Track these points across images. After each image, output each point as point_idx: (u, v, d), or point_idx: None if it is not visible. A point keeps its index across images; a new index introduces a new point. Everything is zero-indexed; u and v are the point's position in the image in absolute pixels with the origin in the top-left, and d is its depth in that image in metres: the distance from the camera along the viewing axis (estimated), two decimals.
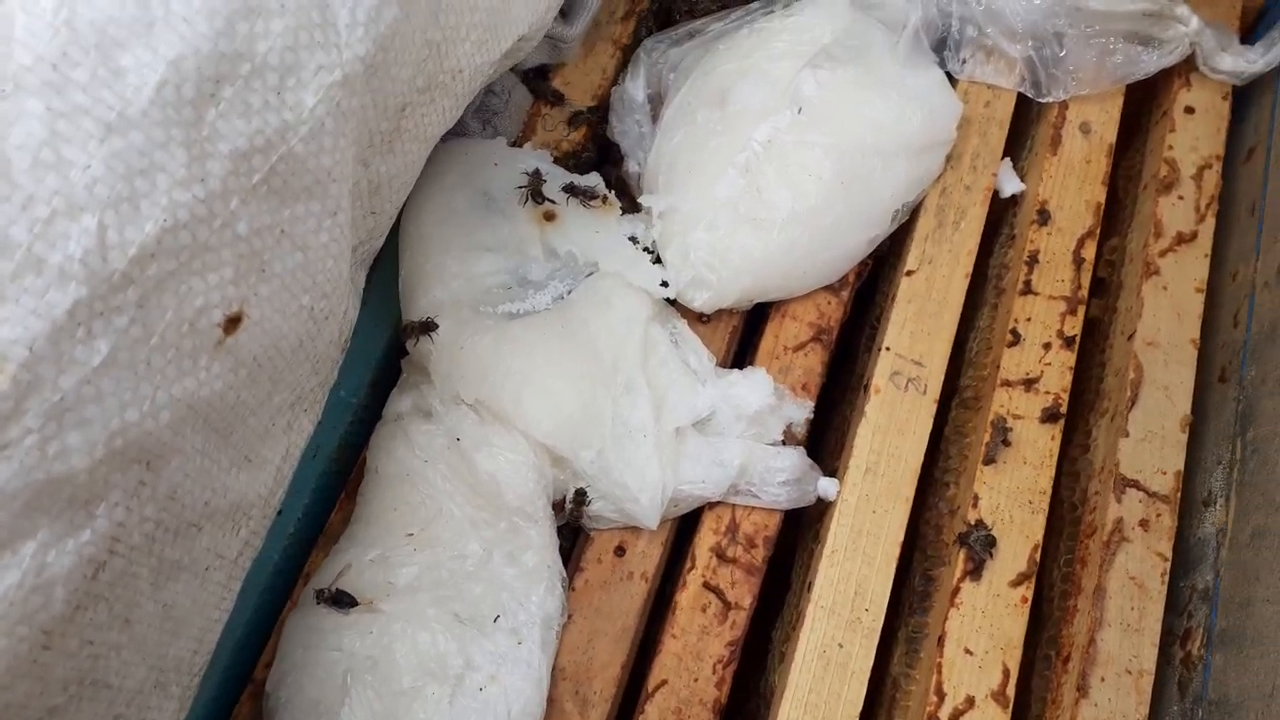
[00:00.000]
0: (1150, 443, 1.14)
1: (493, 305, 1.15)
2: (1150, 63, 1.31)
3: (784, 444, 1.13)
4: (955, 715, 1.01)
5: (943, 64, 1.33)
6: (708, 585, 1.07)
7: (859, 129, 1.20)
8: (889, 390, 1.16)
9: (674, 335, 1.18)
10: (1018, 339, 1.20)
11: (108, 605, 0.68)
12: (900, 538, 1.09)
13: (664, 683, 1.03)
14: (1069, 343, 1.19)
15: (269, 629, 1.05)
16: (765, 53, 1.23)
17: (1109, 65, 1.31)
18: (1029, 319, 1.21)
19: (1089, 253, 1.24)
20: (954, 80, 1.34)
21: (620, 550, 1.08)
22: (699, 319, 1.21)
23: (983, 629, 1.04)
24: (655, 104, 1.30)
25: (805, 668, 1.02)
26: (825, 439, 1.32)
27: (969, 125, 1.31)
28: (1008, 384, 1.17)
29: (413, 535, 1.02)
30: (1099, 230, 1.26)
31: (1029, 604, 1.06)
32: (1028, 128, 1.39)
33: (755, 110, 1.20)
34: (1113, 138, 1.32)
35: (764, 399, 1.12)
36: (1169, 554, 1.09)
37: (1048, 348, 1.19)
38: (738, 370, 1.15)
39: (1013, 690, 1.02)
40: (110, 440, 0.63)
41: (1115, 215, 1.37)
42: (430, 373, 1.09)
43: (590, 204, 1.19)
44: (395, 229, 1.16)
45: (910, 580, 1.16)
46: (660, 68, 1.31)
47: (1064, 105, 1.33)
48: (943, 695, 1.01)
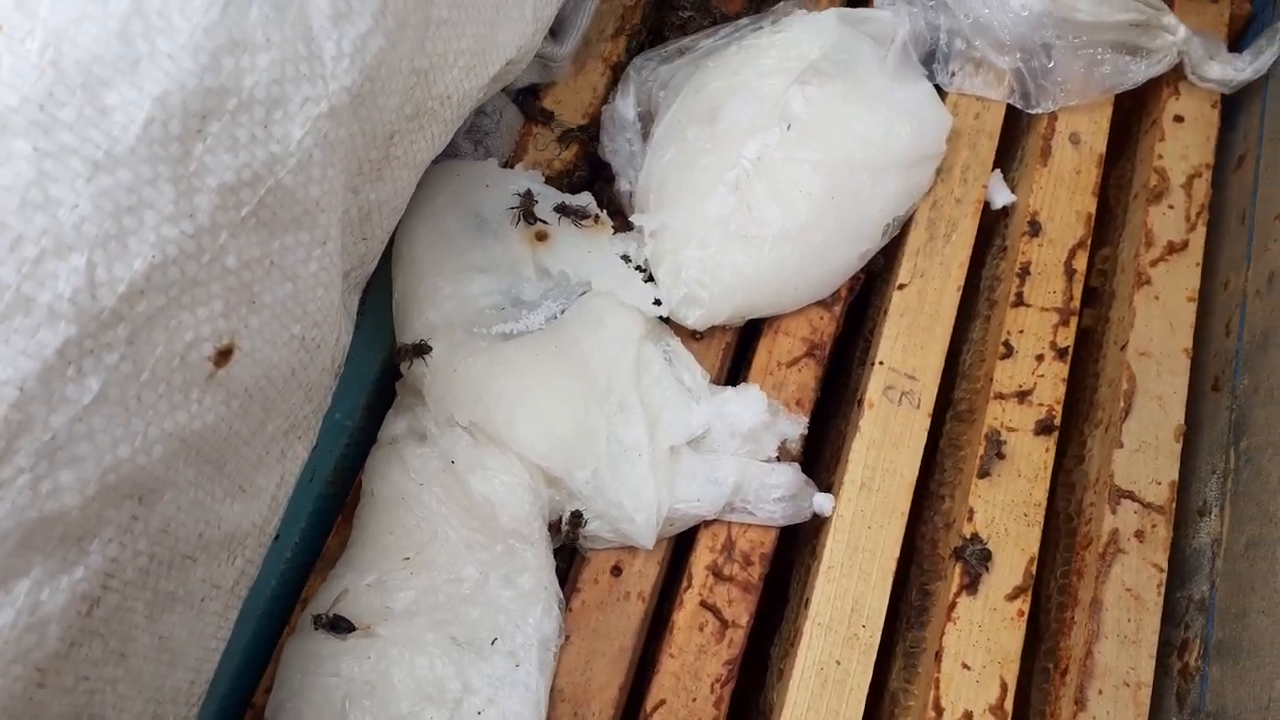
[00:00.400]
0: (1144, 453, 1.14)
1: (486, 326, 1.15)
2: (1138, 72, 1.32)
3: (779, 460, 1.13)
4: None
5: (932, 77, 1.33)
6: (705, 604, 1.07)
7: (848, 144, 1.20)
8: (883, 404, 1.16)
9: (667, 353, 1.18)
10: (1010, 351, 1.20)
11: (103, 640, 0.68)
12: (896, 553, 1.09)
13: (662, 703, 1.03)
14: (1062, 354, 1.20)
15: (267, 654, 1.05)
16: (754, 70, 1.23)
17: (1097, 76, 1.31)
18: (1021, 331, 1.21)
19: (1080, 264, 1.25)
20: (943, 93, 1.34)
21: (617, 570, 1.08)
22: (692, 336, 1.21)
23: (980, 643, 1.04)
24: (646, 122, 1.31)
25: (804, 685, 1.02)
26: (820, 453, 1.32)
27: (959, 138, 1.31)
28: (1001, 396, 1.17)
29: (409, 559, 1.02)
30: (1090, 241, 1.27)
31: (1026, 617, 1.06)
32: (1018, 139, 1.39)
33: (745, 127, 1.21)
34: (1102, 148, 1.32)
35: (758, 416, 1.12)
36: (1165, 565, 1.09)
37: (1040, 359, 1.19)
38: (731, 387, 1.15)
39: (1011, 704, 1.02)
40: (102, 477, 0.64)
41: (1106, 224, 1.38)
42: (424, 395, 1.09)
43: (582, 223, 1.20)
44: (388, 251, 1.16)
45: (907, 594, 1.16)
46: (650, 85, 1.31)
47: (1053, 116, 1.33)
48: (941, 710, 1.01)
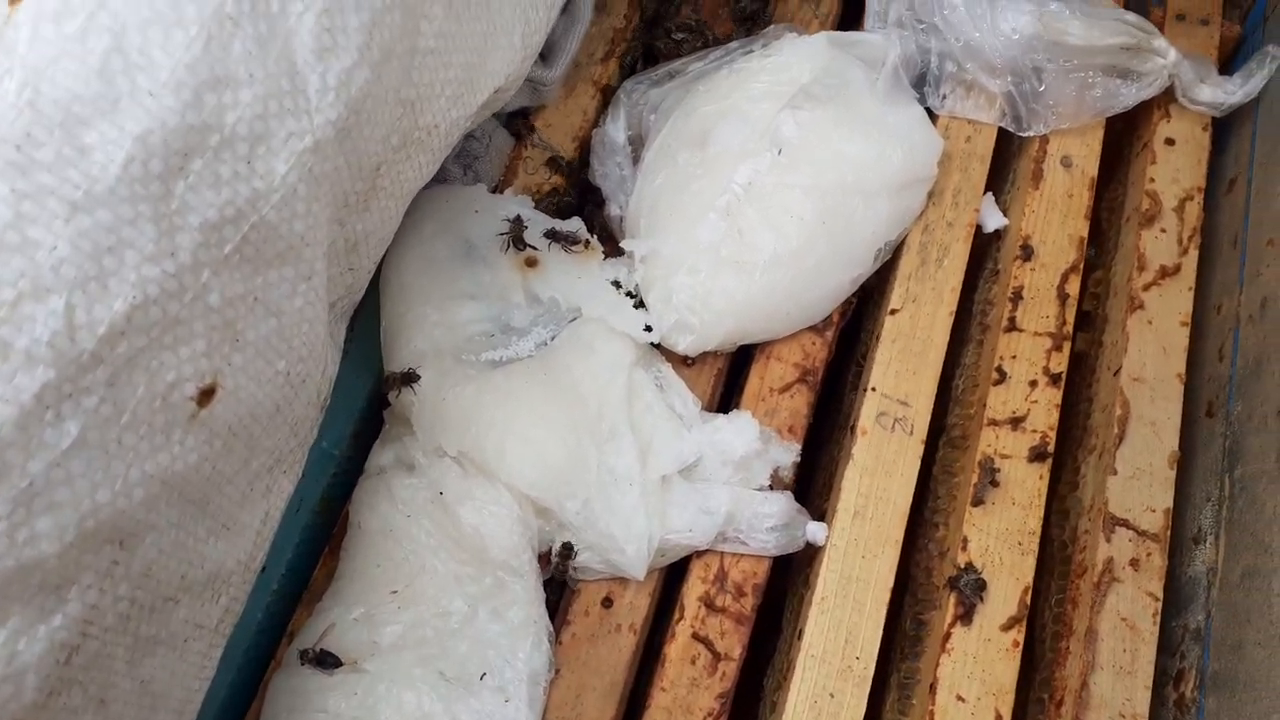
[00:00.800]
0: (1139, 480, 1.14)
1: (475, 353, 1.14)
2: (1129, 95, 1.31)
3: (771, 488, 1.12)
4: None
5: (923, 100, 1.33)
6: (697, 636, 1.06)
7: (840, 169, 1.20)
8: (875, 431, 1.16)
9: (658, 379, 1.17)
10: (1003, 377, 1.19)
11: (82, 688, 0.66)
12: (890, 583, 1.08)
13: None
14: (1055, 380, 1.19)
15: (253, 690, 1.03)
16: (745, 93, 1.23)
17: (1089, 99, 1.31)
18: (1014, 356, 1.20)
19: (1073, 288, 1.24)
20: (934, 116, 1.34)
21: (607, 602, 1.07)
22: (683, 362, 1.20)
23: (974, 675, 1.03)
24: (636, 145, 1.30)
25: (797, 718, 1.01)
26: (813, 479, 1.31)
27: (950, 161, 1.31)
28: (994, 423, 1.17)
29: (397, 592, 1.01)
30: (1083, 265, 1.26)
31: (1020, 648, 1.05)
32: (1009, 161, 1.39)
33: (735, 152, 1.20)
34: (1094, 171, 1.32)
35: (750, 444, 1.11)
36: (1160, 594, 1.08)
37: (1034, 385, 1.19)
38: (723, 415, 1.14)
39: None
40: (81, 523, 0.62)
41: (1099, 247, 1.37)
42: (413, 424, 1.08)
43: (572, 249, 1.19)
44: (376, 278, 1.15)
45: (901, 624, 1.15)
46: (641, 109, 1.31)
47: (1045, 139, 1.33)
48: None
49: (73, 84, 0.60)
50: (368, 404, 1.17)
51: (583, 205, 1.31)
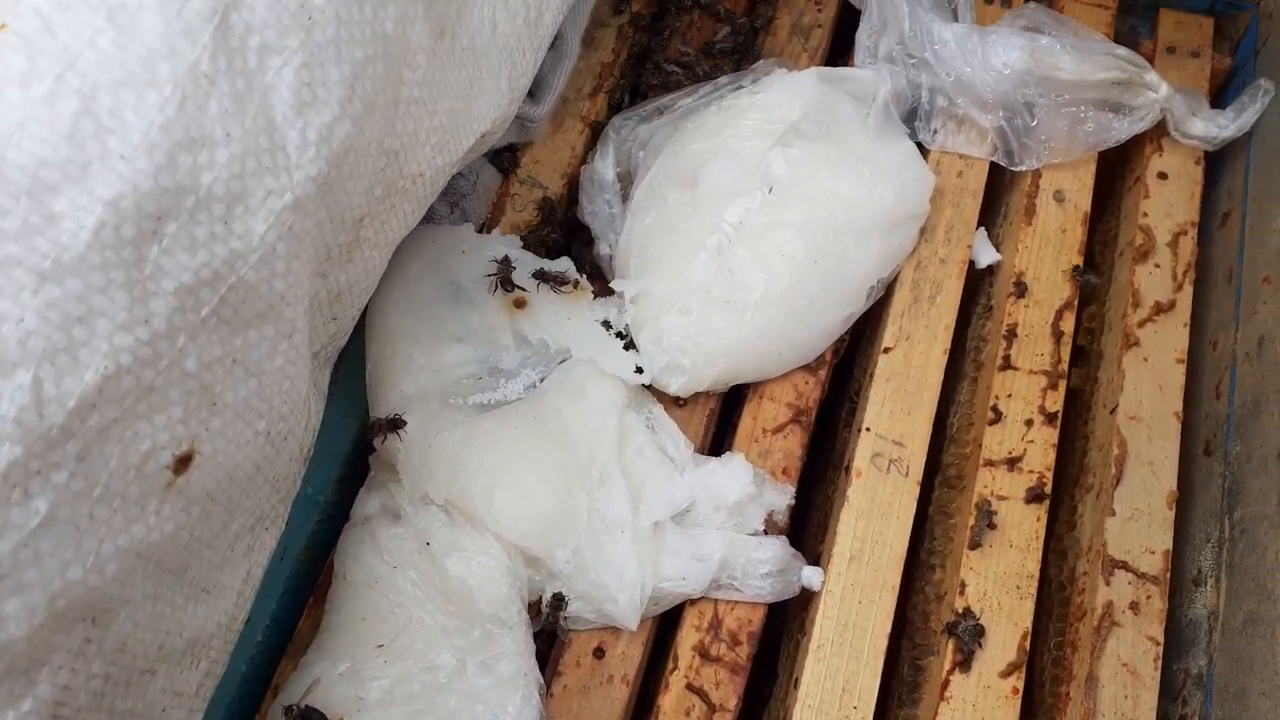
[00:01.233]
0: (1137, 521, 1.12)
1: (463, 396, 1.12)
2: (1122, 130, 1.30)
3: (766, 533, 1.10)
4: None
5: (914, 135, 1.32)
6: (691, 687, 1.03)
7: (831, 207, 1.18)
8: (870, 473, 1.14)
9: (650, 421, 1.15)
10: (999, 416, 1.18)
11: None
12: (887, 629, 1.06)
13: None
14: (1051, 419, 1.17)
15: None
16: (734, 131, 1.21)
17: (1081, 133, 1.30)
18: (1009, 395, 1.19)
19: (1068, 325, 1.23)
20: (925, 151, 1.33)
21: (599, 652, 1.04)
22: (675, 402, 1.18)
23: None
24: (625, 182, 1.28)
25: None
26: (808, 518, 1.29)
27: (942, 196, 1.30)
28: (990, 464, 1.15)
29: (383, 646, 0.99)
30: (1077, 301, 1.25)
31: (1020, 695, 1.04)
32: (1001, 195, 1.38)
33: (726, 191, 1.18)
34: (1087, 206, 1.31)
35: (744, 488, 1.09)
36: (1161, 638, 1.06)
37: (1029, 424, 1.17)
38: (716, 458, 1.12)
39: None
40: (51, 603, 0.60)
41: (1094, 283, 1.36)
42: (399, 471, 1.06)
43: (561, 290, 1.17)
44: (362, 319, 1.13)
45: (898, 670, 1.13)
46: (629, 145, 1.29)
47: (1037, 174, 1.32)
48: None
49: (40, 149, 0.58)
50: (353, 448, 1.15)
51: (571, 243, 1.29)
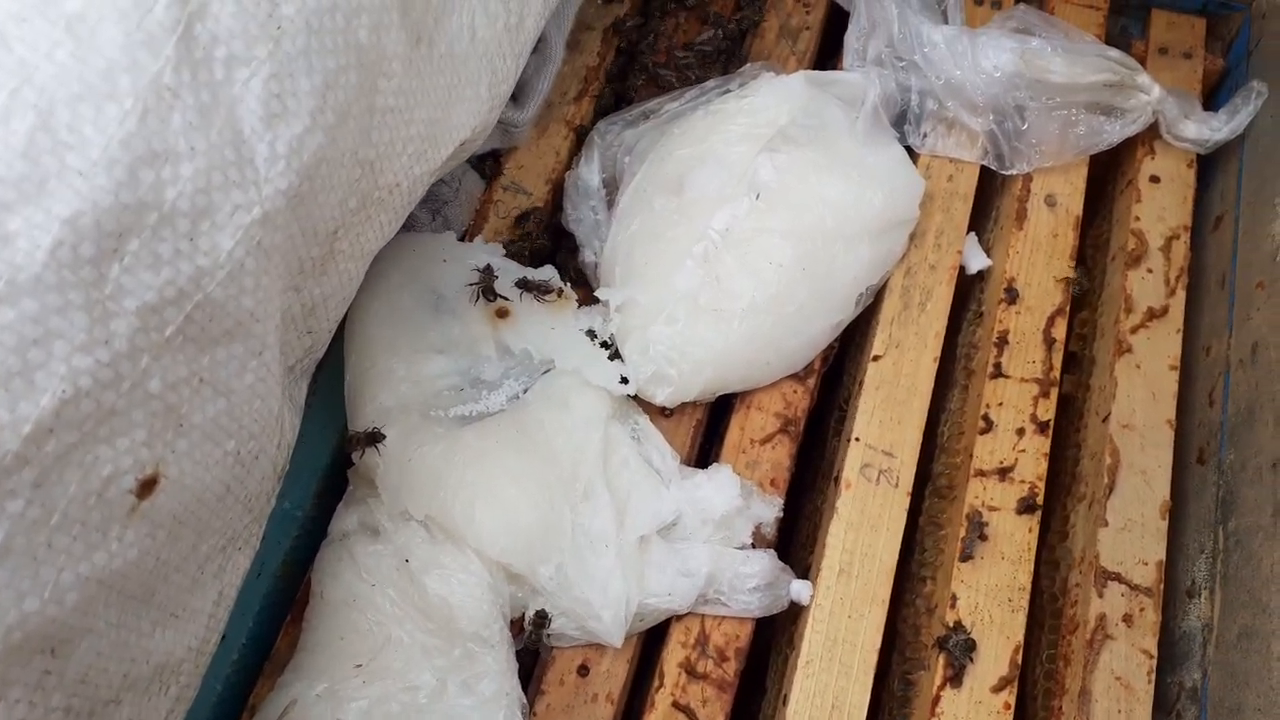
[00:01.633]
0: (1130, 532, 1.11)
1: (444, 409, 1.10)
2: (1113, 133, 1.29)
3: (753, 546, 1.08)
4: None
5: (903, 138, 1.30)
6: (677, 705, 1.01)
7: (819, 213, 1.17)
8: (860, 484, 1.12)
9: (635, 432, 1.13)
10: (990, 425, 1.16)
11: None
12: (878, 644, 1.04)
13: None
14: (1043, 428, 1.16)
15: None
16: (721, 136, 1.19)
17: (1072, 137, 1.28)
18: (1000, 404, 1.17)
19: (1059, 332, 1.21)
20: (914, 155, 1.31)
21: (583, 670, 1.02)
22: (661, 413, 1.16)
23: None
24: (610, 188, 1.26)
25: None
26: (796, 528, 1.27)
27: (932, 201, 1.28)
28: (982, 474, 1.13)
29: (361, 666, 0.96)
30: (1069, 307, 1.23)
31: (1012, 710, 1.02)
32: (992, 199, 1.36)
33: (712, 197, 1.16)
34: (1079, 210, 1.29)
35: (731, 500, 1.07)
36: (1154, 650, 1.05)
37: (1021, 434, 1.15)
38: (703, 471, 1.10)
39: None
40: (6, 636, 0.58)
41: (1084, 286, 1.34)
42: (378, 486, 1.03)
43: (545, 299, 1.15)
44: (341, 329, 1.11)
45: (889, 684, 1.11)
46: (615, 150, 1.27)
47: (1028, 177, 1.30)
48: None
49: None
50: (332, 461, 1.13)
51: (556, 250, 1.27)
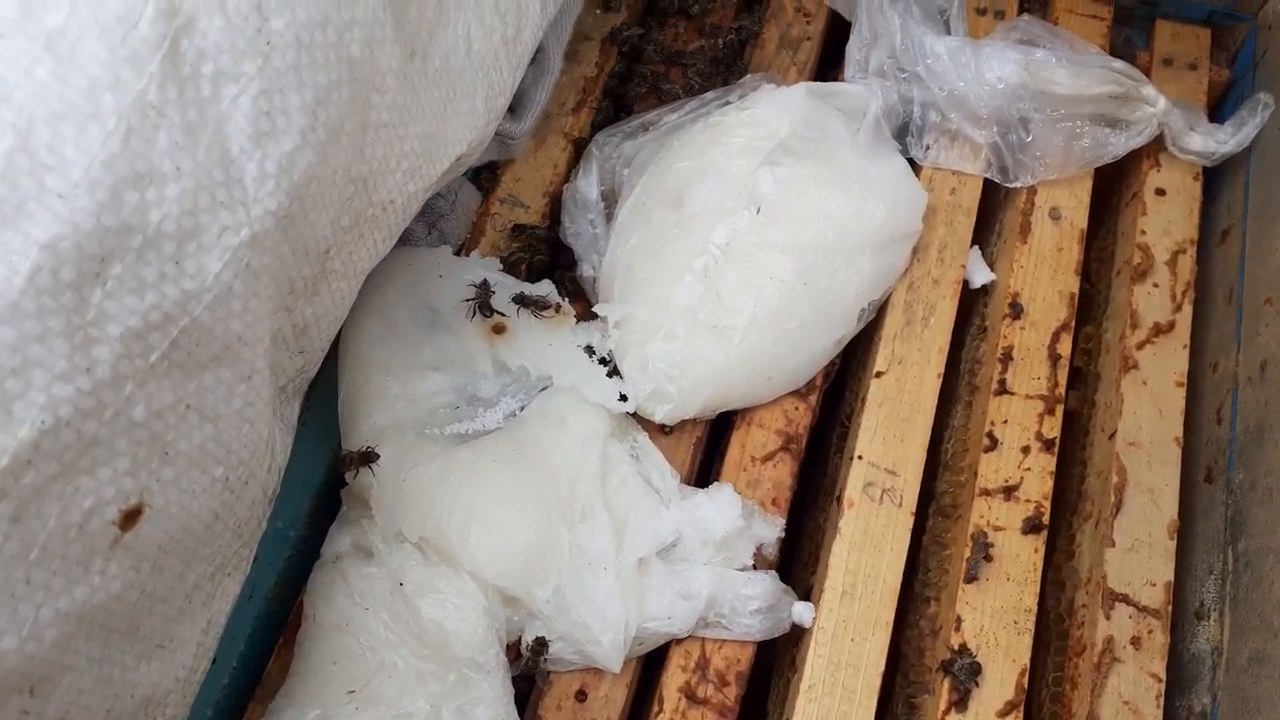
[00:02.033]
0: (1138, 552, 1.09)
1: (439, 427, 1.08)
2: (1119, 145, 1.27)
3: (755, 568, 1.06)
4: None
5: (905, 151, 1.28)
6: None
7: (820, 227, 1.15)
8: (863, 503, 1.10)
9: (634, 449, 1.11)
10: (995, 443, 1.14)
11: None
12: (881, 667, 1.02)
13: None
14: (1048, 446, 1.14)
15: None
16: (722, 149, 1.17)
17: (1077, 149, 1.27)
18: (1005, 421, 1.15)
19: (1064, 348, 1.19)
20: (917, 167, 1.29)
21: (581, 695, 1.00)
22: (661, 430, 1.14)
23: None
24: (609, 201, 1.24)
25: None
26: (798, 546, 1.25)
27: (935, 214, 1.26)
28: (987, 493, 1.11)
29: (354, 692, 0.94)
30: (1074, 322, 1.21)
31: None
32: (995, 212, 1.34)
33: (713, 211, 1.15)
34: (1084, 223, 1.27)
35: (732, 521, 1.05)
36: (1163, 674, 1.03)
37: (1026, 451, 1.13)
38: (703, 490, 1.08)
39: None
40: None
41: (1089, 299, 1.32)
42: (371, 507, 1.01)
43: (542, 314, 1.13)
44: (335, 345, 1.09)
45: (892, 708, 1.09)
46: (613, 162, 1.25)
47: (1032, 190, 1.28)
48: None
49: None
50: (326, 480, 1.11)
51: (554, 264, 1.25)
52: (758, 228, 1.14)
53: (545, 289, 1.15)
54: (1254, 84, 1.34)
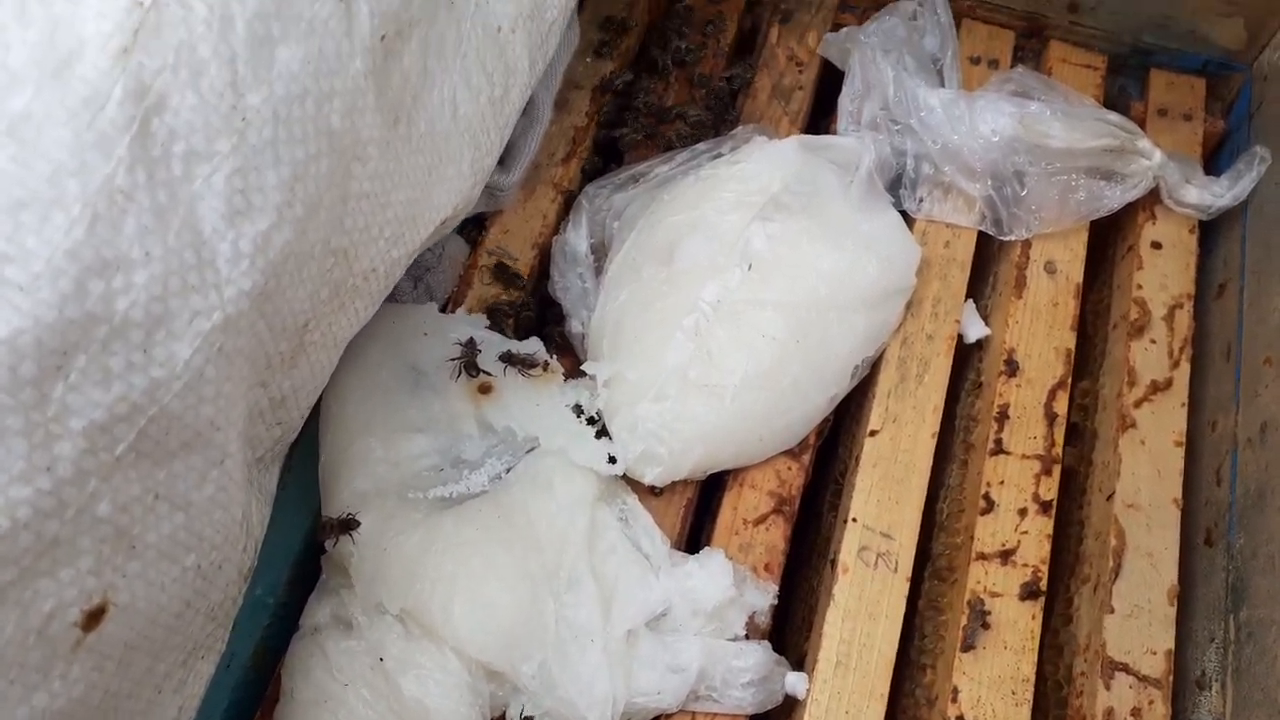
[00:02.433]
0: (1137, 619, 1.06)
1: (423, 490, 1.05)
2: (1114, 198, 1.26)
3: (747, 637, 1.04)
4: None
5: (898, 203, 1.26)
6: None
7: (813, 283, 1.13)
8: (858, 568, 1.07)
9: (623, 512, 1.09)
10: (991, 505, 1.12)
11: None
12: None
13: None
14: (1045, 508, 1.12)
15: None
16: (713, 204, 1.15)
17: (1072, 202, 1.25)
18: (1001, 482, 1.13)
19: (1061, 406, 1.17)
20: (910, 220, 1.27)
21: None
22: (651, 491, 1.12)
23: None
24: (599, 254, 1.22)
25: None
26: (790, 609, 1.22)
27: (928, 268, 1.24)
28: (983, 557, 1.09)
29: None
30: (1070, 379, 1.19)
31: None
32: (989, 263, 1.32)
33: (704, 267, 1.12)
34: (1079, 278, 1.25)
35: (724, 591, 1.02)
36: None
37: (1023, 514, 1.11)
38: (694, 557, 1.06)
39: None
40: None
41: (1085, 352, 1.30)
42: (352, 576, 0.98)
43: (530, 373, 1.10)
44: (316, 406, 1.06)
45: None
46: (603, 215, 1.23)
47: (1027, 244, 1.27)
48: None
49: None
50: (306, 544, 1.08)
51: (543, 319, 1.23)
52: (749, 285, 1.12)
53: (533, 346, 1.13)
54: (1250, 135, 1.33)
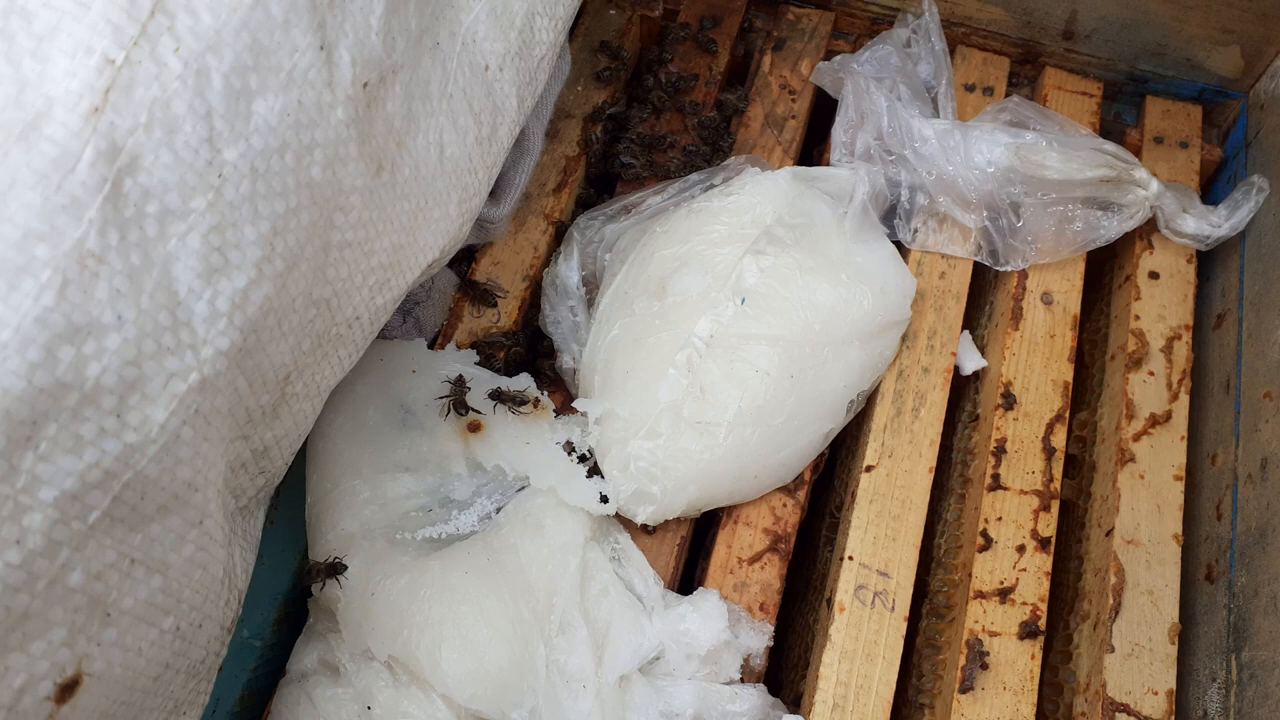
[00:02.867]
0: (1138, 658, 1.05)
1: (411, 531, 1.04)
2: (1111, 229, 1.24)
3: (742, 680, 1.02)
4: None
5: (893, 234, 1.25)
6: None
7: (807, 317, 1.11)
8: (854, 608, 1.06)
9: (616, 552, 1.07)
10: (989, 543, 1.10)
11: None
12: None
13: None
14: (1044, 545, 1.10)
15: None
16: (705, 237, 1.14)
17: (1069, 233, 1.24)
18: (999, 518, 1.11)
19: (1059, 440, 1.16)
20: (905, 251, 1.26)
21: None
22: (643, 530, 1.10)
23: None
24: (590, 286, 1.21)
25: None
26: (786, 647, 1.21)
27: (924, 300, 1.23)
28: (981, 595, 1.07)
29: None
30: (1068, 412, 1.18)
31: None
32: (985, 293, 1.31)
33: (696, 301, 1.11)
34: (1076, 308, 1.24)
35: (718, 634, 1.01)
36: None
37: (1021, 551, 1.10)
38: (688, 599, 1.04)
39: None
40: None
41: (1083, 382, 1.29)
42: (339, 621, 0.97)
43: (520, 410, 1.09)
44: (302, 447, 1.04)
45: None
46: (594, 247, 1.22)
47: (1023, 274, 1.25)
48: None
49: None
50: (293, 585, 1.06)
51: (533, 354, 1.21)
52: (742, 319, 1.10)
53: (524, 383, 1.11)
54: (1246, 163, 1.32)
